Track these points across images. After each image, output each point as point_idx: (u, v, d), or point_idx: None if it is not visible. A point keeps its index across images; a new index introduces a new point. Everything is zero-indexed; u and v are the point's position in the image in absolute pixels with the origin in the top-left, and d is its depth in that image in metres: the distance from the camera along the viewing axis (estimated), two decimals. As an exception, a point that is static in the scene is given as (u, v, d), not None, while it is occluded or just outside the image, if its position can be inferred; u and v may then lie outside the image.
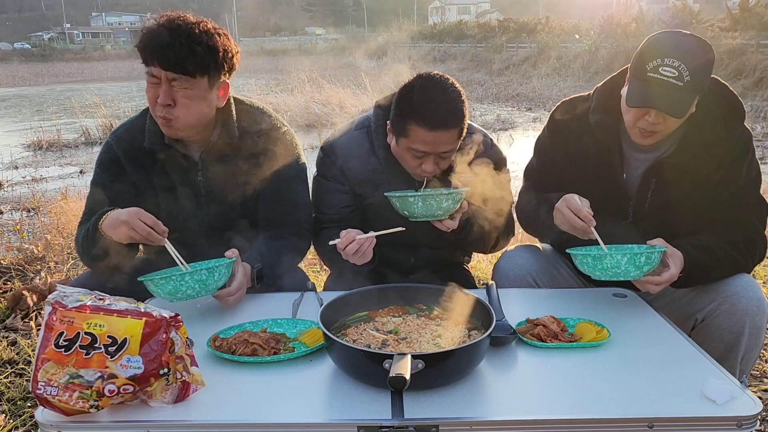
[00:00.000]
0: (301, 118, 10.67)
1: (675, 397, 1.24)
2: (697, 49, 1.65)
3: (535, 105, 13.69)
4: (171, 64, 1.70)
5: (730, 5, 20.25)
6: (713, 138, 1.76)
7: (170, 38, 1.69)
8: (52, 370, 1.18)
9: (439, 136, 1.74)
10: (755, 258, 1.79)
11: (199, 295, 1.60)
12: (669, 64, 1.62)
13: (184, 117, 1.77)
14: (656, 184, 1.83)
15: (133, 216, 1.64)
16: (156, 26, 1.73)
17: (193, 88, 1.75)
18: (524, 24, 28.55)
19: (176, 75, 1.72)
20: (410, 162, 1.84)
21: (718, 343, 1.71)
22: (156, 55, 1.70)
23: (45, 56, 50.57)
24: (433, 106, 1.71)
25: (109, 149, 1.93)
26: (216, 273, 1.61)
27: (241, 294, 1.70)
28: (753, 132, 9.74)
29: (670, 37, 1.69)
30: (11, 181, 6.95)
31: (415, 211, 1.74)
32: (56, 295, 1.24)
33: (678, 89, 1.62)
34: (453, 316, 1.51)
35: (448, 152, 1.80)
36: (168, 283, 1.57)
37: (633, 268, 1.58)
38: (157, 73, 1.72)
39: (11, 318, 3.00)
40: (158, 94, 1.74)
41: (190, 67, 1.71)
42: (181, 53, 1.69)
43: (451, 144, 1.78)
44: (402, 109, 1.78)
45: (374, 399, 1.24)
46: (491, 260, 3.69)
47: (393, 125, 1.84)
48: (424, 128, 1.72)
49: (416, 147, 1.77)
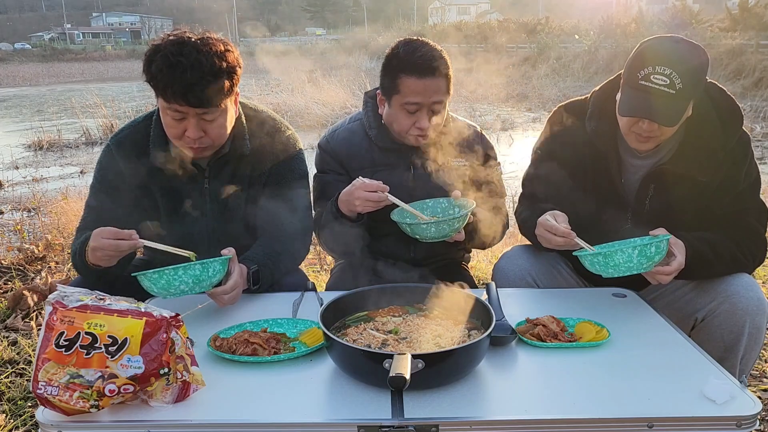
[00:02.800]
0: (301, 118, 10.67)
1: (675, 396, 1.24)
2: (689, 55, 1.65)
3: (535, 105, 13.68)
4: (200, 101, 1.67)
5: (729, 5, 20.25)
6: (712, 143, 1.76)
7: (193, 76, 1.63)
8: (53, 370, 1.18)
9: (429, 83, 1.85)
10: (756, 259, 1.79)
11: (193, 291, 1.59)
12: (660, 72, 1.62)
13: (218, 140, 1.80)
14: (655, 190, 1.83)
15: (96, 239, 1.61)
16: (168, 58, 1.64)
17: (221, 113, 1.76)
18: (524, 24, 28.56)
19: (205, 109, 1.70)
20: (404, 122, 1.92)
21: (718, 342, 1.71)
22: (182, 96, 1.65)
23: (45, 56, 50.56)
24: (419, 56, 1.86)
25: (108, 154, 1.91)
26: (210, 268, 1.59)
27: (237, 294, 1.68)
28: (752, 132, 9.71)
29: (661, 43, 1.69)
30: (12, 181, 6.95)
31: (428, 235, 1.79)
32: (57, 295, 1.25)
33: (670, 97, 1.62)
34: (453, 315, 1.51)
35: (438, 103, 1.89)
36: (161, 278, 1.55)
37: (645, 259, 1.57)
38: (182, 109, 1.69)
39: (12, 318, 3.01)
40: (184, 128, 1.72)
41: (218, 98, 1.70)
42: (209, 90, 1.66)
43: (440, 94, 1.88)
44: (391, 67, 1.90)
45: (374, 399, 1.24)
46: (491, 260, 3.69)
47: (384, 88, 1.96)
48: (414, 77, 1.84)
49: (408, 99, 1.87)
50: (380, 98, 2.02)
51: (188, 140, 1.74)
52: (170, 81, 1.64)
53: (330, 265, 3.27)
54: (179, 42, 1.67)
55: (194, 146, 1.76)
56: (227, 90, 1.71)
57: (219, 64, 1.68)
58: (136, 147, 1.88)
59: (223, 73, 1.69)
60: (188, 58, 1.64)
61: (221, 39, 1.76)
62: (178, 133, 1.74)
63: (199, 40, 1.70)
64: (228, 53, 1.72)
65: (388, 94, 1.94)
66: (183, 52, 1.65)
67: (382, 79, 1.96)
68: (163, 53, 1.65)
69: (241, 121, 1.92)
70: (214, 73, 1.67)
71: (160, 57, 1.65)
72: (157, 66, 1.65)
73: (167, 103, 1.69)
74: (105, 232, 1.61)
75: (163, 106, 1.72)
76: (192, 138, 1.73)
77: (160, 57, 1.65)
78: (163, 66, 1.64)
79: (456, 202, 1.91)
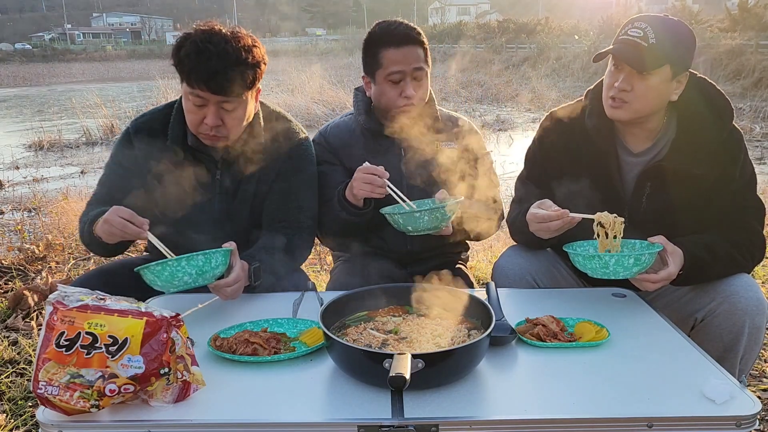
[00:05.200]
0: (301, 118, 10.69)
1: (674, 396, 1.24)
2: (670, 23, 1.72)
3: (535, 105, 13.69)
4: (222, 89, 1.72)
5: (729, 5, 20.26)
6: (704, 138, 1.77)
7: (219, 64, 1.69)
8: (53, 370, 1.18)
9: (408, 51, 1.97)
10: (755, 258, 1.79)
11: (197, 282, 1.60)
12: (637, 26, 1.72)
13: (233, 132, 1.83)
14: (651, 188, 1.83)
15: (111, 213, 1.66)
16: (197, 44, 1.70)
17: (240, 105, 1.80)
18: (524, 25, 28.58)
19: (226, 98, 1.74)
20: (391, 93, 2.00)
21: (718, 342, 1.71)
22: (205, 81, 1.70)
23: (46, 57, 50.60)
24: (394, 28, 2.00)
25: (126, 136, 1.96)
26: (213, 259, 1.60)
27: (239, 287, 1.70)
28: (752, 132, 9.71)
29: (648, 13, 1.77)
30: (12, 181, 6.96)
31: (420, 225, 1.81)
32: (57, 295, 1.25)
33: (640, 48, 1.68)
34: (453, 315, 1.52)
35: (420, 70, 1.99)
36: (164, 269, 1.56)
37: (621, 269, 1.59)
38: (204, 95, 1.73)
39: (12, 318, 3.01)
40: (204, 114, 1.77)
41: (239, 89, 1.74)
42: (232, 79, 1.71)
43: (420, 61, 1.99)
44: (371, 45, 2.02)
45: (374, 399, 1.24)
46: (491, 260, 3.70)
47: (367, 67, 2.06)
48: (393, 47, 1.97)
49: (391, 69, 1.97)
50: (366, 81, 2.10)
51: (205, 127, 1.78)
52: (195, 66, 1.70)
53: (330, 265, 3.28)
54: (209, 31, 1.74)
55: (210, 134, 1.79)
56: (249, 82, 1.76)
57: (245, 56, 1.73)
58: (153, 133, 1.92)
59: (247, 65, 1.74)
60: (216, 46, 1.70)
61: (250, 35, 1.81)
62: (197, 119, 1.79)
63: (230, 32, 1.77)
64: (255, 48, 1.78)
65: (371, 71, 2.03)
66: (212, 40, 1.71)
67: (365, 59, 2.06)
68: (193, 39, 1.72)
69: (258, 119, 1.95)
70: (238, 63, 1.72)
71: (190, 43, 1.72)
72: (185, 51, 1.71)
73: (190, 88, 1.74)
74: (122, 211, 1.66)
75: (186, 91, 1.77)
76: (209, 125, 1.77)
77: (190, 43, 1.72)
78: (191, 51, 1.70)
79: (443, 202, 1.91)
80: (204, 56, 1.69)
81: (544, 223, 1.71)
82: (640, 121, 1.79)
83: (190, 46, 1.71)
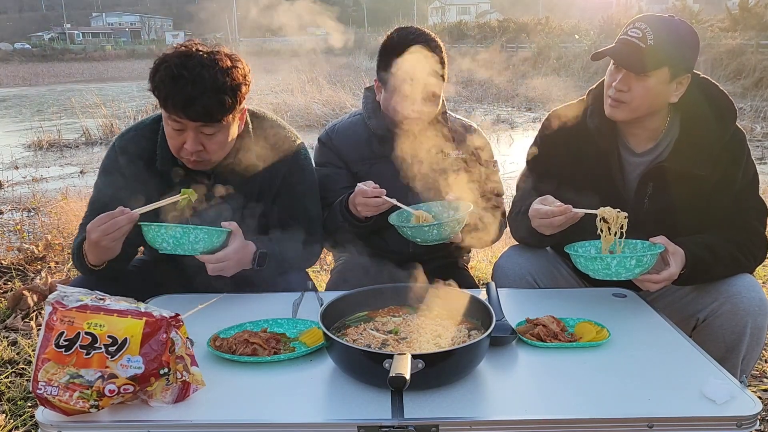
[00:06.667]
0: (301, 118, 10.68)
1: (675, 397, 1.24)
2: (672, 24, 1.70)
3: (535, 105, 13.68)
4: (199, 116, 1.66)
5: (729, 5, 20.26)
6: (707, 137, 1.76)
7: (194, 90, 1.62)
8: (53, 370, 1.18)
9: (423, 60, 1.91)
10: (757, 259, 1.79)
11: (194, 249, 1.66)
12: (637, 26, 1.70)
13: (215, 156, 1.79)
14: (653, 188, 1.83)
15: (92, 231, 1.60)
16: (171, 70, 1.64)
17: (221, 129, 1.74)
18: (524, 24, 28.56)
19: (204, 124, 1.69)
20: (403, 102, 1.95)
21: (720, 343, 1.71)
22: (182, 108, 1.64)
23: (45, 56, 50.53)
24: (412, 38, 1.96)
25: (113, 155, 1.90)
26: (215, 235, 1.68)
27: (226, 266, 1.70)
28: (752, 132, 9.70)
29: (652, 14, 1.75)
30: (11, 181, 6.95)
31: (429, 238, 1.80)
32: (56, 295, 1.25)
33: (638, 49, 1.67)
34: (453, 315, 1.51)
35: (434, 79, 1.93)
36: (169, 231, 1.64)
37: (623, 270, 1.59)
38: (182, 121, 1.68)
39: (12, 318, 3.01)
40: (183, 140, 1.72)
41: (218, 115, 1.68)
42: (208, 105, 1.64)
43: (435, 73, 1.93)
44: (386, 51, 1.99)
45: (374, 399, 1.24)
46: (491, 260, 3.69)
47: (381, 74, 2.02)
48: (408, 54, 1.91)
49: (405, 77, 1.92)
50: (377, 85, 2.08)
51: (186, 152, 1.73)
52: (171, 93, 1.63)
53: (330, 265, 3.27)
54: (185, 54, 1.67)
55: (191, 158, 1.75)
56: (228, 106, 1.68)
57: (222, 79, 1.65)
58: (140, 151, 1.87)
59: (225, 89, 1.66)
60: (191, 72, 1.63)
61: (230, 54, 1.73)
62: (177, 144, 1.74)
63: (207, 54, 1.68)
64: (234, 69, 1.70)
65: (385, 76, 2.00)
66: (187, 65, 1.64)
67: (379, 64, 2.03)
68: (168, 64, 1.65)
69: (248, 130, 1.90)
70: (215, 89, 1.64)
71: (164, 68, 1.65)
72: (160, 77, 1.65)
73: (167, 114, 1.69)
74: (97, 221, 1.61)
75: (165, 116, 1.72)
76: (189, 151, 1.72)
77: (164, 68, 1.65)
78: (166, 77, 1.64)
79: (452, 204, 1.91)
80: (180, 83, 1.62)
81: (547, 219, 1.70)
82: (640, 122, 1.79)
83: (164, 71, 1.64)
